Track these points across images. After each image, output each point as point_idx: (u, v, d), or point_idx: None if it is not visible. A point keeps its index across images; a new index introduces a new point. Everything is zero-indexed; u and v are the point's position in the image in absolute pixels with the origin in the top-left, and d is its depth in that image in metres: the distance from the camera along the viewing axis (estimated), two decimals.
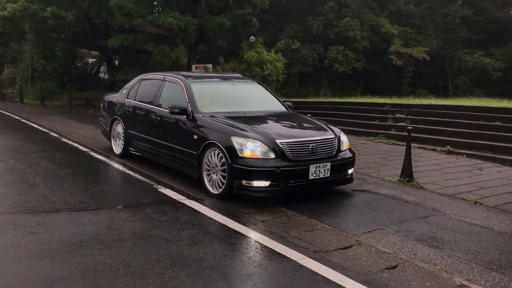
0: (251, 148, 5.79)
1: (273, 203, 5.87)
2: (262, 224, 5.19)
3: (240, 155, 5.78)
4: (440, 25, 30.57)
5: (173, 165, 7.08)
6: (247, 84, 7.92)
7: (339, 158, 6.30)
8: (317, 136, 6.25)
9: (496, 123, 10.93)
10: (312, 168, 5.92)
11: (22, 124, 13.47)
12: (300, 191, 6.11)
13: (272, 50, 19.63)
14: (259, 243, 4.62)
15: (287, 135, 6.09)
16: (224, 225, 5.10)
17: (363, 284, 3.79)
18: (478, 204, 6.27)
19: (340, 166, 6.28)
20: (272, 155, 5.79)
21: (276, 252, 4.38)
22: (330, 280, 3.83)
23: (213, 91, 7.35)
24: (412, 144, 10.83)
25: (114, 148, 8.69)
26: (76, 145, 9.73)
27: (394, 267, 4.20)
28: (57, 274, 3.62)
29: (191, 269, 3.87)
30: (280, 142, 5.86)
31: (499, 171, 8.43)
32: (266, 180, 5.73)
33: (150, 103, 7.63)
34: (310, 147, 6.01)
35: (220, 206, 5.79)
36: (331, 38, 29.38)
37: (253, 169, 5.71)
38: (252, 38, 24.21)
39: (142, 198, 5.97)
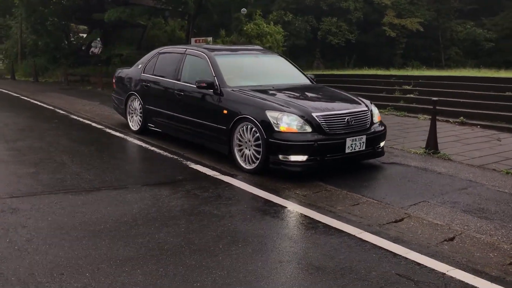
0: (287, 122, 5.68)
1: (309, 177, 5.80)
2: (305, 199, 5.13)
3: (276, 129, 5.68)
4: None
5: (199, 141, 6.96)
6: (269, 57, 7.77)
7: (373, 131, 6.24)
8: (352, 108, 6.17)
9: (507, 93, 10.95)
10: (348, 142, 5.86)
11: (24, 101, 13.14)
12: (335, 165, 6.06)
13: (271, 22, 19.36)
14: (310, 218, 4.56)
15: (322, 108, 6.00)
16: (269, 200, 5.03)
17: (429, 257, 3.76)
18: (510, 174, 6.28)
19: (374, 139, 6.23)
20: (308, 129, 5.70)
21: (332, 227, 4.33)
22: (396, 253, 3.81)
23: (238, 64, 7.18)
24: (424, 116, 10.93)
25: (130, 124, 8.51)
26: (87, 122, 9.52)
27: (452, 239, 4.18)
28: (124, 254, 3.53)
29: (255, 246, 3.81)
30: (316, 116, 5.76)
31: None
32: (303, 154, 5.65)
33: (171, 77, 7.43)
34: (346, 120, 5.93)
35: (256, 181, 5.71)
36: (323, 9, 29.06)
37: (290, 144, 5.62)
38: (244, 10, 23.79)
39: (176, 175, 5.86)
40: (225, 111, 6.32)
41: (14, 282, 3.06)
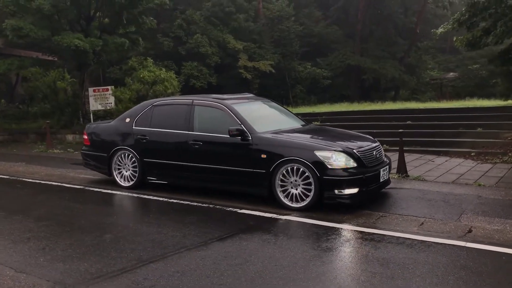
0: (338, 159, 6.35)
1: (354, 208, 6.48)
2: (377, 225, 5.82)
3: (329, 167, 6.29)
4: (278, 40, 33.50)
5: (227, 187, 7.17)
6: (268, 103, 8.31)
7: (387, 161, 7.25)
8: (373, 143, 7.10)
9: (407, 122, 13.07)
10: (381, 172, 6.77)
11: None
12: (372, 194, 6.87)
13: (163, 68, 19.47)
14: (408, 238, 5.25)
15: (355, 145, 6.80)
16: (355, 230, 5.59)
17: None
18: (482, 186, 7.83)
19: (388, 169, 7.23)
20: (354, 164, 6.44)
21: (438, 243, 5.09)
22: (504, 253, 4.76)
23: (252, 111, 7.55)
24: None
25: (118, 180, 8.15)
26: (55, 183, 8.73)
27: None
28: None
29: (407, 264, 4.42)
30: (357, 151, 6.55)
31: (446, 161, 10.34)
32: (355, 187, 6.36)
33: (181, 128, 7.48)
34: (374, 153, 6.84)
35: (315, 216, 6.17)
36: (182, 54, 29.91)
37: (344, 179, 6.30)
38: None
39: (246, 221, 6.05)
40: (263, 155, 6.69)
41: None
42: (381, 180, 6.81)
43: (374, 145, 7.04)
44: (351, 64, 34.42)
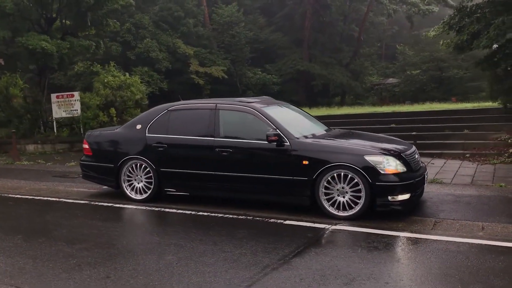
0: (390, 164, 6.03)
1: (401, 214, 6.19)
2: (437, 232, 5.56)
3: (382, 172, 5.95)
4: (228, 45, 33.08)
5: (263, 197, 6.67)
6: (289, 106, 7.84)
7: (424, 166, 7.03)
8: (412, 147, 6.85)
9: (392, 125, 13.11)
10: (426, 176, 6.54)
11: None
12: (418, 199, 6.60)
13: (127, 73, 18.39)
14: (485, 244, 5.02)
15: (399, 148, 6.51)
16: (418, 238, 5.29)
17: None
18: (504, 187, 7.82)
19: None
20: (404, 168, 6.15)
21: (495, 245, 4.95)
22: None
23: (282, 115, 7.06)
24: None
25: (128, 192, 7.37)
26: (52, 199, 7.77)
27: None
28: None
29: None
30: (404, 155, 6.27)
31: (445, 163, 10.38)
32: (408, 192, 6.05)
33: (204, 134, 6.88)
34: (416, 157, 6.60)
35: (370, 225, 5.81)
36: (131, 59, 28.76)
37: (398, 184, 5.98)
38: None
39: (304, 233, 5.58)
40: (305, 162, 6.25)
41: None
42: (425, 185, 6.59)
43: (413, 148, 6.81)
44: (300, 69, 34.63)
